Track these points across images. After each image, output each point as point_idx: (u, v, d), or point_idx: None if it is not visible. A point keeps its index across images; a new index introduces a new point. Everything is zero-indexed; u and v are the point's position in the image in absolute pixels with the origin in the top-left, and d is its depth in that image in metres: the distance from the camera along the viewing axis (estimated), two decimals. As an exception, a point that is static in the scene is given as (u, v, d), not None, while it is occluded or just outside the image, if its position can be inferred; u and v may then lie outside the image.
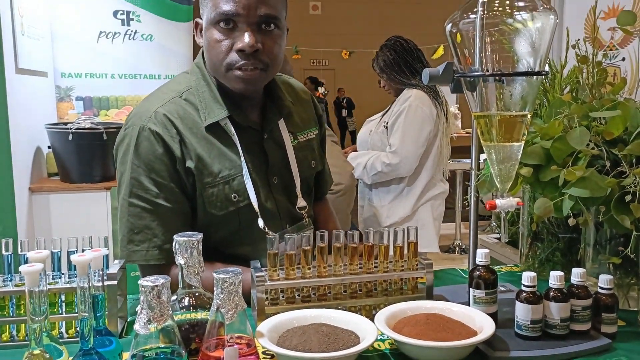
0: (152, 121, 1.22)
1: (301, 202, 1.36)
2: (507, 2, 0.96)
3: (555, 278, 1.01)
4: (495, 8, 0.96)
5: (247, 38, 1.17)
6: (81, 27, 3.57)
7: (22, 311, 1.00)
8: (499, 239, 1.83)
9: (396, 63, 2.84)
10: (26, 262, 0.83)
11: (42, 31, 3.24)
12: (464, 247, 5.04)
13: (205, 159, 1.23)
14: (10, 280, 1.01)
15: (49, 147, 3.10)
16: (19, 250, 1.01)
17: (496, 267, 1.36)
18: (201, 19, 1.26)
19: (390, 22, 12.02)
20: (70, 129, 2.87)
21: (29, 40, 2.95)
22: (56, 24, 3.45)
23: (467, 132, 5.54)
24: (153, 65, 3.80)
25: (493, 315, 1.03)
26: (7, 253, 1.01)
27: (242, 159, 1.25)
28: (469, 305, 1.06)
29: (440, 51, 5.89)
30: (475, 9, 0.97)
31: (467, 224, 1.23)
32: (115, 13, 3.68)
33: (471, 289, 1.07)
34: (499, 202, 1.06)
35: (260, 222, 1.26)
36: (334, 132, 2.72)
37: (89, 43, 3.60)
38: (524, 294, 1.00)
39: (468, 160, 1.20)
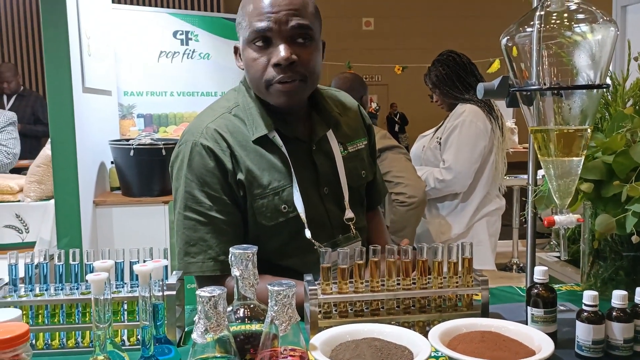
0: (204, 136, 1.26)
1: (349, 214, 1.36)
2: (566, 15, 0.94)
3: (618, 297, 0.97)
4: (553, 21, 0.94)
5: (282, 52, 1.20)
6: (143, 48, 3.73)
7: (87, 318, 1.05)
8: (559, 257, 1.78)
9: (449, 78, 2.81)
10: (92, 271, 0.87)
11: (107, 52, 3.40)
12: (521, 265, 4.89)
13: (254, 171, 1.26)
14: (77, 289, 1.05)
15: (111, 163, 3.23)
16: (85, 260, 1.06)
17: (556, 286, 1.31)
18: (239, 43, 1.30)
19: (444, 36, 11.92)
20: (132, 145, 2.98)
21: (95, 61, 3.10)
22: (120, 45, 3.61)
23: (524, 147, 5.40)
24: (210, 83, 3.92)
25: (552, 335, 0.99)
26: (74, 262, 1.05)
27: (292, 170, 1.27)
28: (526, 324, 1.04)
29: (497, 65, 5.78)
30: (532, 22, 0.96)
31: (524, 242, 1.20)
32: (175, 33, 3.83)
33: (529, 307, 1.04)
34: (557, 218, 1.03)
35: (308, 233, 1.28)
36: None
37: (150, 62, 3.76)
38: (586, 314, 0.97)
39: (525, 176, 1.18)
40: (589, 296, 0.97)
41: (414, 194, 2.53)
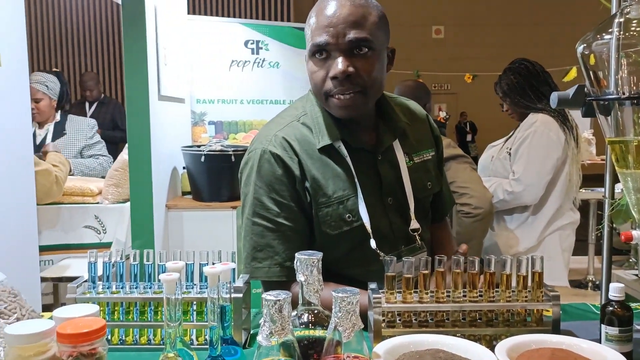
0: (272, 144, 1.29)
1: (414, 224, 1.35)
2: (647, 21, 0.90)
3: (703, 320, 0.91)
4: (633, 28, 0.90)
5: (339, 65, 1.22)
6: (215, 57, 3.85)
7: (159, 317, 1.09)
8: (637, 274, 1.69)
9: (520, 86, 2.73)
10: (164, 271, 0.90)
11: (181, 61, 3.53)
12: (597, 282, 4.66)
13: (320, 179, 1.28)
14: (150, 288, 1.10)
15: (183, 168, 3.34)
16: (158, 261, 1.10)
17: (633, 305, 1.25)
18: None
19: (517, 44, 11.60)
20: (203, 151, 3.08)
21: (170, 70, 3.23)
22: (193, 54, 3.74)
23: (602, 159, 5.16)
24: (278, 91, 3.99)
25: (627, 355, 0.95)
26: (148, 263, 1.10)
27: (356, 180, 1.28)
28: (600, 342, 0.99)
29: (573, 73, 5.55)
30: (611, 30, 0.92)
31: (600, 258, 1.15)
32: (246, 43, 3.93)
33: (603, 326, 0.99)
34: (636, 233, 0.98)
35: (373, 243, 1.28)
36: None
37: (222, 71, 3.87)
38: (665, 335, 0.92)
39: (602, 189, 1.13)
40: (670, 317, 0.92)
41: (480, 205, 2.47)
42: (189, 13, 3.78)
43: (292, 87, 3.98)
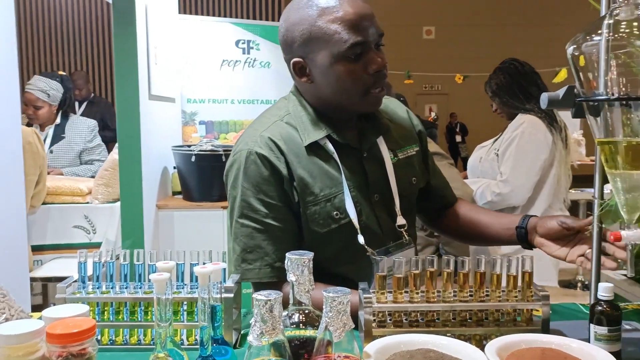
0: (258, 145, 1.28)
1: (400, 220, 1.36)
2: (636, 24, 0.91)
3: (690, 319, 0.92)
4: (622, 30, 0.91)
5: (379, 59, 1.25)
6: (206, 56, 3.84)
7: (149, 317, 1.09)
8: (626, 274, 1.70)
9: (509, 86, 2.74)
10: (155, 271, 0.90)
11: (172, 60, 3.52)
12: (586, 282, 4.70)
13: (307, 178, 1.27)
14: (140, 288, 1.10)
15: (174, 168, 3.33)
16: (148, 261, 1.10)
17: (621, 304, 1.26)
18: (301, 59, 1.28)
19: (508, 45, 11.65)
20: (193, 151, 3.07)
21: (161, 69, 3.22)
22: (184, 54, 3.73)
23: (591, 160, 5.20)
24: (269, 91, 3.99)
25: (616, 355, 0.95)
26: (138, 263, 1.10)
27: (343, 177, 1.28)
28: (589, 342, 1.00)
29: (563, 74, 5.58)
30: (600, 31, 0.93)
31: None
32: (237, 42, 3.92)
33: (592, 325, 1.00)
34: (624, 233, 0.99)
35: (361, 239, 1.28)
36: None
37: (213, 71, 3.86)
38: (653, 335, 0.93)
39: (592, 190, 1.14)
40: (658, 316, 0.93)
41: None
42: (180, 12, 3.77)
43: (283, 87, 3.96)
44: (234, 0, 9.03)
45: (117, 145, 2.93)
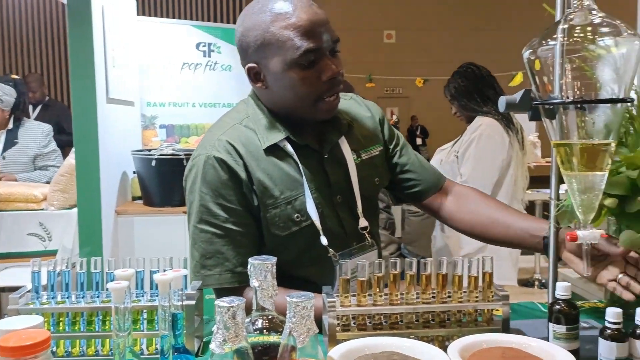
0: (216, 149, 1.26)
1: (363, 222, 1.36)
2: (589, 29, 0.94)
3: (643, 315, 0.95)
4: (577, 34, 0.94)
5: (333, 66, 1.23)
6: (166, 59, 3.78)
7: (107, 327, 1.05)
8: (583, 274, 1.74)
9: (467, 90, 2.80)
10: (113, 280, 0.88)
11: (131, 63, 3.46)
12: (544, 281, 4.82)
13: (267, 181, 1.26)
14: (98, 297, 1.07)
15: (134, 172, 3.27)
16: (106, 268, 1.07)
17: (578, 303, 1.29)
18: (255, 64, 1.27)
19: (467, 49, 11.87)
20: (154, 155, 3.02)
21: (119, 72, 3.16)
22: (143, 56, 3.67)
23: (546, 161, 5.34)
24: (231, 94, 3.95)
25: (575, 353, 0.98)
26: (95, 271, 1.07)
27: (304, 178, 1.27)
28: (548, 341, 1.02)
29: (519, 78, 5.72)
30: (555, 36, 0.95)
31: (547, 257, 1.18)
32: (197, 45, 3.88)
33: (551, 324, 1.02)
34: (580, 233, 1.01)
35: (324, 240, 1.28)
36: None
37: (173, 74, 3.81)
38: (609, 331, 0.95)
39: (548, 190, 1.16)
40: (613, 313, 0.95)
41: None
42: (138, 14, 3.70)
43: (245, 90, 3.92)
44: (194, 2, 8.93)
45: (73, 149, 2.85)
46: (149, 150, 3.16)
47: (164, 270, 1.04)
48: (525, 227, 1.33)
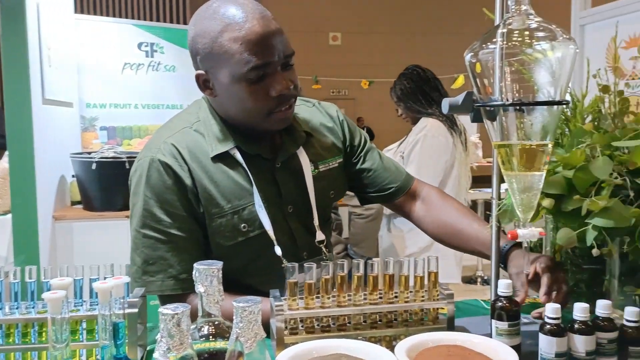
0: (161, 152, 1.23)
1: (320, 236, 1.35)
2: (527, 33, 0.96)
3: (579, 310, 0.99)
4: (515, 38, 0.96)
5: (284, 81, 1.20)
6: (106, 59, 3.67)
7: (44, 338, 1.01)
8: (524, 271, 1.80)
9: (413, 92, 2.86)
10: (49, 289, 0.84)
11: (69, 63, 3.33)
12: (486, 278, 4.96)
13: (213, 189, 1.23)
14: (33, 308, 1.02)
15: (73, 176, 3.15)
16: (42, 277, 1.02)
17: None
18: (204, 72, 1.24)
19: (411, 52, 12.09)
20: (94, 158, 2.92)
21: (56, 72, 3.04)
22: (82, 56, 3.55)
23: (488, 162, 5.50)
24: (175, 96, 3.88)
25: (516, 348, 1.00)
26: (30, 280, 1.02)
27: (254, 188, 1.25)
28: (491, 337, 1.04)
29: (461, 81, 5.88)
30: (495, 39, 0.97)
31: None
32: (139, 45, 3.79)
33: (493, 321, 1.05)
34: (520, 232, 1.04)
35: (278, 250, 1.26)
36: None
37: (114, 74, 3.70)
38: (548, 326, 0.98)
39: (490, 190, 1.19)
40: (552, 309, 0.98)
41: (370, 206, 2.55)
42: (76, 12, 3.58)
43: (189, 91, 3.86)
44: (136, 0, 8.71)
45: (7, 153, 2.72)
46: (89, 153, 3.05)
47: (105, 278, 1.00)
48: (487, 241, 1.34)
